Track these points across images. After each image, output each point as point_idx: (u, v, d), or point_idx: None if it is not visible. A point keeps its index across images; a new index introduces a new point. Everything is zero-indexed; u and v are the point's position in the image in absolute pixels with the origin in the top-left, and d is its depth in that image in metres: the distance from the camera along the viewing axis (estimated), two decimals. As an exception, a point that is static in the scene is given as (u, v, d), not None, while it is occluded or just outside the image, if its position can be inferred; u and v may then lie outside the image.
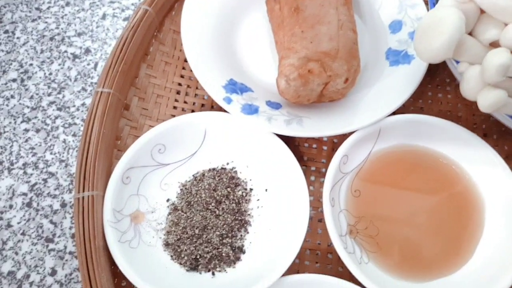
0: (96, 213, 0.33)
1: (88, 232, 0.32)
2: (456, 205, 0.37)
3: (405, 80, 0.40)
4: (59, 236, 0.38)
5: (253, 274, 0.33)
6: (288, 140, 0.38)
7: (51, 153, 0.42)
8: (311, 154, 0.41)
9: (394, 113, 0.38)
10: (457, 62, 0.38)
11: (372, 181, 0.38)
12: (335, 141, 0.42)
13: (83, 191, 0.34)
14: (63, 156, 0.42)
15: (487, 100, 0.33)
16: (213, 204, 0.37)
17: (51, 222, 0.39)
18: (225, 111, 0.38)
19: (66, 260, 0.37)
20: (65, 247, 0.38)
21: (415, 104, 0.44)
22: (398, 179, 0.39)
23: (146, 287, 0.31)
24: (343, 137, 0.38)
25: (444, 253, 0.36)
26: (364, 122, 0.37)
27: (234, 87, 0.41)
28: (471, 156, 0.38)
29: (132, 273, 0.32)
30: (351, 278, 0.33)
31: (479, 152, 0.37)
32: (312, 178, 0.40)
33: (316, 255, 0.37)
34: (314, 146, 0.42)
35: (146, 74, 0.43)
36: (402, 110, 0.41)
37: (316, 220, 0.39)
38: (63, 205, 0.39)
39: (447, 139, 0.38)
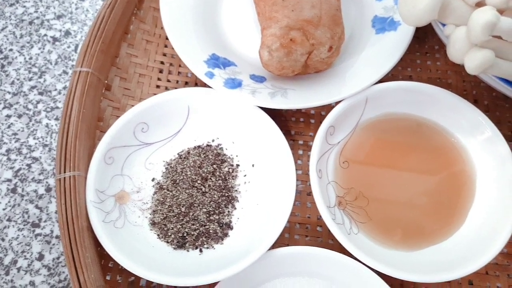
0: (79, 193, 0.33)
1: (71, 213, 0.32)
2: (447, 173, 0.37)
3: (392, 47, 0.39)
4: (45, 221, 0.38)
5: (241, 249, 0.33)
6: (275, 115, 0.37)
7: (34, 138, 0.41)
8: (298, 128, 0.40)
9: (381, 82, 0.37)
10: (444, 25, 0.37)
11: (360, 152, 0.38)
12: (323, 114, 0.41)
13: (65, 171, 0.33)
14: (46, 141, 0.41)
15: (474, 61, 0.32)
16: (199, 182, 0.36)
17: (36, 207, 0.38)
18: (208, 87, 0.37)
19: (53, 245, 0.37)
20: (52, 231, 0.37)
21: (403, 72, 0.43)
22: (387, 149, 0.38)
23: (133, 267, 0.31)
24: (331, 109, 0.37)
25: (435, 221, 0.35)
26: (350, 91, 0.37)
27: (217, 61, 0.40)
28: (462, 122, 0.37)
29: (118, 253, 0.31)
30: (342, 251, 0.32)
31: (469, 118, 0.36)
32: (300, 152, 0.40)
33: (306, 228, 0.37)
34: (302, 120, 0.41)
35: (127, 53, 0.42)
36: (390, 79, 0.40)
37: (305, 193, 0.38)
38: (48, 189, 0.39)
39: (436, 105, 0.37)
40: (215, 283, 0.31)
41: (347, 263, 0.32)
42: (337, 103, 0.37)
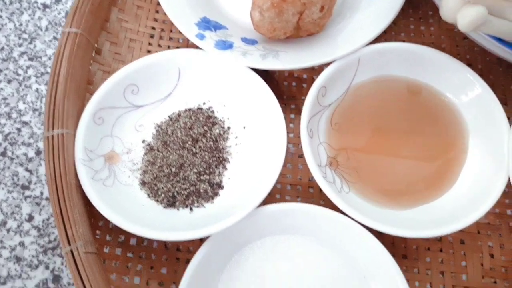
0: (67, 151, 0.32)
1: (59, 169, 0.32)
2: (439, 133, 0.36)
3: (385, 9, 0.38)
4: (35, 183, 0.37)
5: (231, 207, 0.33)
6: (267, 79, 0.37)
7: (24, 103, 0.41)
8: (290, 92, 0.40)
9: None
10: (437, -16, 0.37)
11: (352, 114, 0.37)
12: (315, 78, 0.40)
13: (53, 129, 0.33)
14: (36, 105, 0.41)
15: (467, 18, 0.32)
16: (189, 143, 0.36)
17: (26, 169, 0.38)
18: (199, 49, 0.37)
19: (43, 206, 0.37)
20: (42, 193, 0.37)
21: (397, 38, 0.42)
22: (379, 110, 0.38)
23: (122, 223, 0.31)
24: (322, 70, 0.36)
25: (427, 180, 0.35)
26: (342, 52, 0.36)
27: (208, 24, 0.39)
28: (455, 82, 0.36)
29: (107, 209, 0.31)
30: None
31: (462, 79, 0.36)
32: (292, 116, 0.39)
33: (297, 190, 0.37)
34: (294, 84, 0.41)
35: (117, 18, 0.42)
36: (382, 42, 0.39)
37: (297, 156, 0.38)
38: (38, 153, 0.39)
39: (428, 66, 0.37)
40: (205, 241, 0.31)
41: (338, 219, 0.32)
42: (329, 65, 0.36)
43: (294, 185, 0.37)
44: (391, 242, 0.35)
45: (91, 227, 0.33)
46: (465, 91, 0.36)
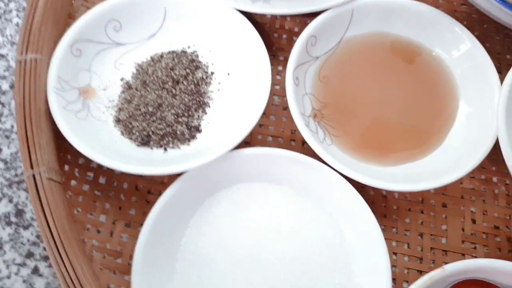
0: (40, 77, 0.31)
1: (29, 95, 0.30)
2: (429, 91, 0.35)
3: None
4: (6, 116, 0.36)
5: (206, 148, 0.31)
6: (256, 30, 0.36)
7: (2, 36, 0.39)
8: (280, 44, 0.39)
9: None
10: None
11: (342, 68, 0.36)
12: (307, 32, 0.39)
13: (26, 53, 0.31)
14: (15, 39, 0.39)
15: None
16: (170, 84, 0.34)
17: (-1, 102, 0.36)
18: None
19: (12, 139, 0.35)
20: (12, 126, 0.35)
21: (394, -1, 0.41)
22: (370, 67, 0.36)
23: (92, 154, 0.29)
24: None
25: (414, 138, 0.34)
26: (335, 0, 0.35)
27: (199, -35, 0.38)
28: (445, 38, 0.35)
29: (75, 138, 0.29)
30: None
31: (452, 33, 0.35)
32: (280, 67, 0.38)
33: (279, 142, 0.35)
34: (284, 36, 0.39)
35: (107, -44, 0.40)
36: None
37: (281, 108, 0.36)
38: (12, 86, 0.37)
39: (423, 25, 0.36)
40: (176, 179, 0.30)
41: (316, 167, 0.30)
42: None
43: (276, 137, 0.35)
44: (371, 201, 0.33)
45: (59, 161, 0.32)
46: (455, 46, 0.35)
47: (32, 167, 0.28)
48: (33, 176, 0.27)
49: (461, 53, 0.34)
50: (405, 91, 0.35)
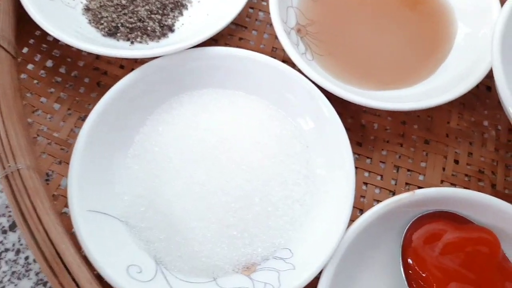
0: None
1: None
2: (424, 19, 0.32)
3: None
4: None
5: (175, 43, 0.29)
6: None
7: None
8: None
9: None
10: None
11: (335, -12, 0.34)
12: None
13: None
14: None
15: None
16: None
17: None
18: None
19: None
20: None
21: None
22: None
23: (54, 31, 0.27)
24: None
25: (403, 66, 0.31)
26: None
27: None
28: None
29: (40, 17, 0.27)
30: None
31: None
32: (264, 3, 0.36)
33: (257, 57, 0.33)
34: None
35: None
36: None
37: (266, 23, 0.33)
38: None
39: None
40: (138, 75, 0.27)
41: (289, 75, 0.28)
42: None
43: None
44: (347, 127, 0.30)
45: (19, 42, 0.30)
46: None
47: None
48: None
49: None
50: (399, 16, 0.32)
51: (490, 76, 0.27)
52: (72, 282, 0.21)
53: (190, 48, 0.28)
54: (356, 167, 0.29)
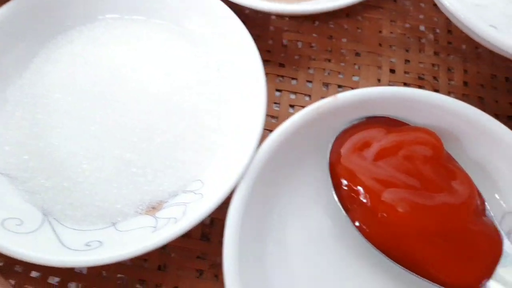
0: None
1: None
2: None
3: None
4: None
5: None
6: None
7: None
8: None
9: None
10: None
11: None
12: None
13: None
14: None
15: None
16: None
17: None
18: None
19: None
20: None
21: None
22: None
23: None
24: None
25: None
26: None
27: None
28: None
29: None
30: None
31: None
32: None
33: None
34: None
35: None
36: None
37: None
38: None
39: None
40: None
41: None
42: None
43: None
44: (266, 50, 0.27)
45: None
46: None
47: None
48: None
49: None
50: None
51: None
52: None
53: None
54: (280, 90, 0.26)
